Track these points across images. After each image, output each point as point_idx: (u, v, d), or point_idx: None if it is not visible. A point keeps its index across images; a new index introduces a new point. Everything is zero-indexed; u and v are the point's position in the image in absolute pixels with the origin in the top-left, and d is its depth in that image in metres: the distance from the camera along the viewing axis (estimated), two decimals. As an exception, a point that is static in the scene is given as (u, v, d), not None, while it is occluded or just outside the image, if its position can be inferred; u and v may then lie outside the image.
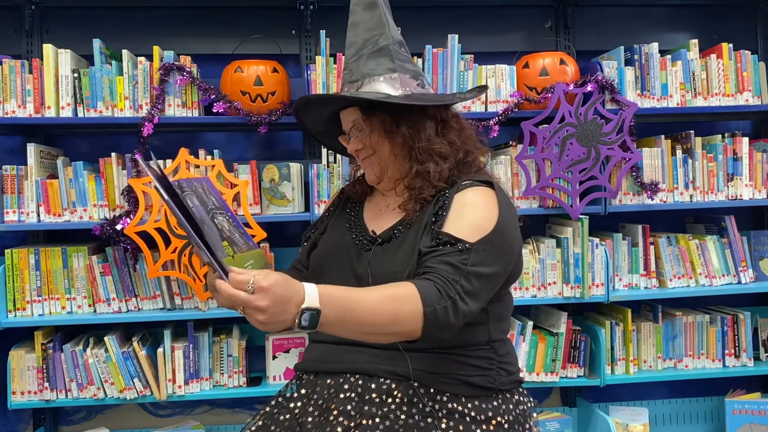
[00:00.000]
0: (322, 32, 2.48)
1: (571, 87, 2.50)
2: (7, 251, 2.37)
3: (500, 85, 2.54)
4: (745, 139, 2.61)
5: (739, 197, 2.60)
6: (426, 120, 1.37)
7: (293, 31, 2.75)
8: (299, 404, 1.33)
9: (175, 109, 2.43)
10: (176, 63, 2.41)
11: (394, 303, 1.14)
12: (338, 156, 2.46)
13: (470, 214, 1.29)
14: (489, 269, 1.24)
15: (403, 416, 1.24)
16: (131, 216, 2.32)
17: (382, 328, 1.14)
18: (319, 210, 2.41)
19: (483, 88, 1.51)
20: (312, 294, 1.09)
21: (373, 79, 1.38)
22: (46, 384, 2.38)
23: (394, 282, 1.22)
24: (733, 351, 2.63)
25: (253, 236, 1.50)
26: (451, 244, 1.24)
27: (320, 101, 1.47)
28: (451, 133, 1.39)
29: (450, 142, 1.38)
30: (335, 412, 1.26)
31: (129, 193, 2.35)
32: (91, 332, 2.53)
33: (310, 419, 1.29)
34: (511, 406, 1.32)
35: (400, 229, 1.36)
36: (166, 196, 1.13)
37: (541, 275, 2.49)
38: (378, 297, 1.15)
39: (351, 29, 1.44)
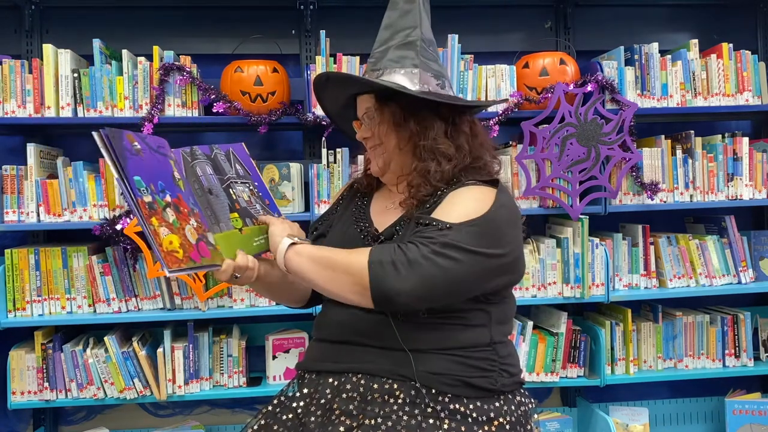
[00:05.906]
0: (322, 32, 2.48)
1: (571, 87, 2.50)
2: (7, 251, 2.37)
3: (500, 85, 2.54)
4: (745, 139, 2.61)
5: (739, 197, 2.60)
6: (436, 119, 1.37)
7: (293, 31, 2.75)
8: (302, 403, 1.33)
9: (175, 109, 2.43)
10: (176, 63, 2.41)
11: (350, 255, 1.25)
12: (338, 156, 2.46)
13: (460, 204, 1.28)
14: (469, 247, 1.21)
15: (405, 417, 1.24)
16: (131, 216, 2.32)
17: (336, 268, 1.24)
18: (319, 210, 2.41)
19: (503, 101, 1.52)
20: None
21: (394, 70, 1.39)
22: (46, 384, 2.38)
23: None
24: (733, 351, 2.63)
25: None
26: (432, 225, 1.24)
27: (339, 80, 1.47)
28: (461, 137, 1.38)
29: (458, 146, 1.37)
30: (337, 412, 1.26)
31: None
32: (91, 332, 2.53)
33: (312, 419, 1.28)
34: (512, 407, 1.32)
35: (400, 226, 1.36)
36: (112, 168, 1.16)
37: (541, 275, 2.49)
38: (340, 250, 1.28)
39: (386, 19, 1.44)
